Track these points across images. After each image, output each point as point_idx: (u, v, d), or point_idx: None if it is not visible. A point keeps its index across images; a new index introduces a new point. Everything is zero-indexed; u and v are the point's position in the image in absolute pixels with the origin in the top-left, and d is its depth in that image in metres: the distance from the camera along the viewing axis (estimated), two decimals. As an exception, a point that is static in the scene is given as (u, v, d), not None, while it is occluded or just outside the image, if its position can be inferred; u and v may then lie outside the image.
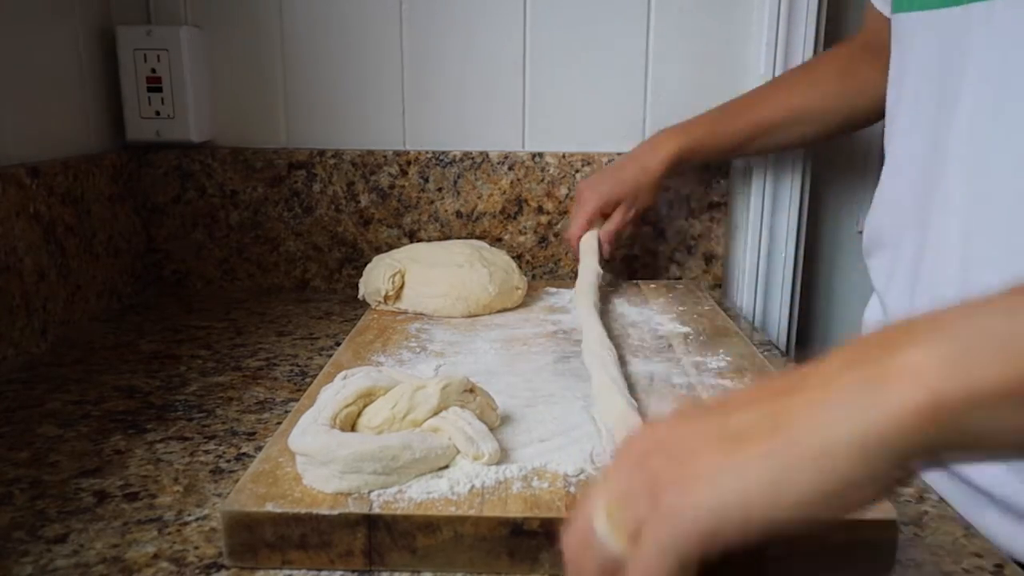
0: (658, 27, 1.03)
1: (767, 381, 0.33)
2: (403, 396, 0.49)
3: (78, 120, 0.94)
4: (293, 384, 0.72)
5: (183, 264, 1.06)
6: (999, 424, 0.26)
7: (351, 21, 1.03)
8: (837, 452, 0.27)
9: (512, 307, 0.85)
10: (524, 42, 1.03)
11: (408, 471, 0.45)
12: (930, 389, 0.26)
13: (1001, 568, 0.43)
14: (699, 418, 0.32)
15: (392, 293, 0.84)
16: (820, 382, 0.29)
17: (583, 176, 1.04)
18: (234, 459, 0.57)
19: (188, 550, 0.45)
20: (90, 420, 0.64)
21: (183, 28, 0.98)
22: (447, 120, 1.05)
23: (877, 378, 0.27)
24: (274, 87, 1.04)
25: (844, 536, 0.42)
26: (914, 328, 0.28)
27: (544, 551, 0.43)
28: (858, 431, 0.27)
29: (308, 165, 1.04)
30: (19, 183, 0.78)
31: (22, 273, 0.78)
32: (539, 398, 0.59)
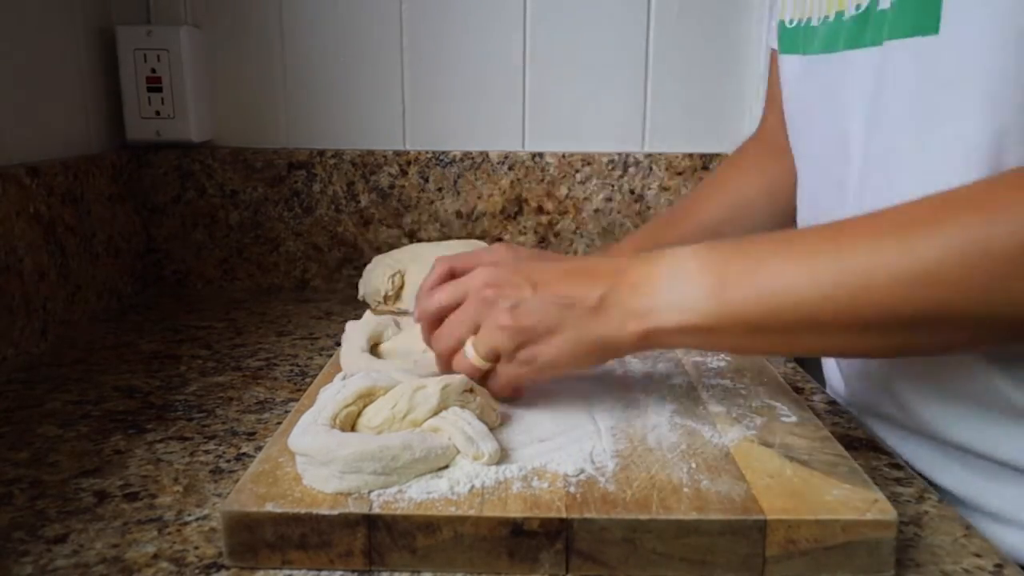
0: (658, 27, 1.03)
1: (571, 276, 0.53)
2: (403, 396, 0.49)
3: (78, 120, 0.94)
4: (293, 384, 0.72)
5: (183, 264, 1.06)
6: (682, 341, 0.51)
7: (351, 21, 1.03)
8: (599, 347, 0.52)
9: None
10: (524, 42, 1.03)
11: (408, 471, 0.45)
12: (647, 327, 0.50)
13: (1001, 568, 0.43)
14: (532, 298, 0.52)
15: (392, 293, 0.84)
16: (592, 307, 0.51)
17: (583, 176, 1.04)
18: (234, 459, 0.57)
19: (188, 550, 0.45)
20: (90, 420, 0.64)
21: (183, 28, 0.99)
22: (447, 120, 1.05)
23: (623, 312, 0.50)
24: (274, 87, 1.04)
25: (844, 536, 0.42)
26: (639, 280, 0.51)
27: (544, 551, 0.43)
28: (609, 339, 0.51)
29: (308, 165, 1.04)
30: (19, 183, 0.78)
31: (22, 273, 0.78)
32: (539, 398, 0.59)
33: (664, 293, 0.50)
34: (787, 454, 0.49)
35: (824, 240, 0.47)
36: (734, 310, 0.48)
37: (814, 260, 0.46)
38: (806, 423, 0.54)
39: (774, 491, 0.44)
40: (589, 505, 0.43)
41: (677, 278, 0.50)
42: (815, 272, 0.46)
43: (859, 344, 0.49)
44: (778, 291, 0.47)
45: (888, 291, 0.44)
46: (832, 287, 0.45)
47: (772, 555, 0.42)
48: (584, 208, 1.05)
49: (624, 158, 1.04)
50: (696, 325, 0.49)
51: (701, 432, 0.52)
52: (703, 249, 0.50)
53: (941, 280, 0.43)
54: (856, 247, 0.45)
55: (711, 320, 0.48)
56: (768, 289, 0.47)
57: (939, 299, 0.43)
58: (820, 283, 0.46)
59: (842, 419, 0.64)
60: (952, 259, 0.42)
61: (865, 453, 0.58)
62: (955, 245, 0.42)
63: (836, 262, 0.45)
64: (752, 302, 0.47)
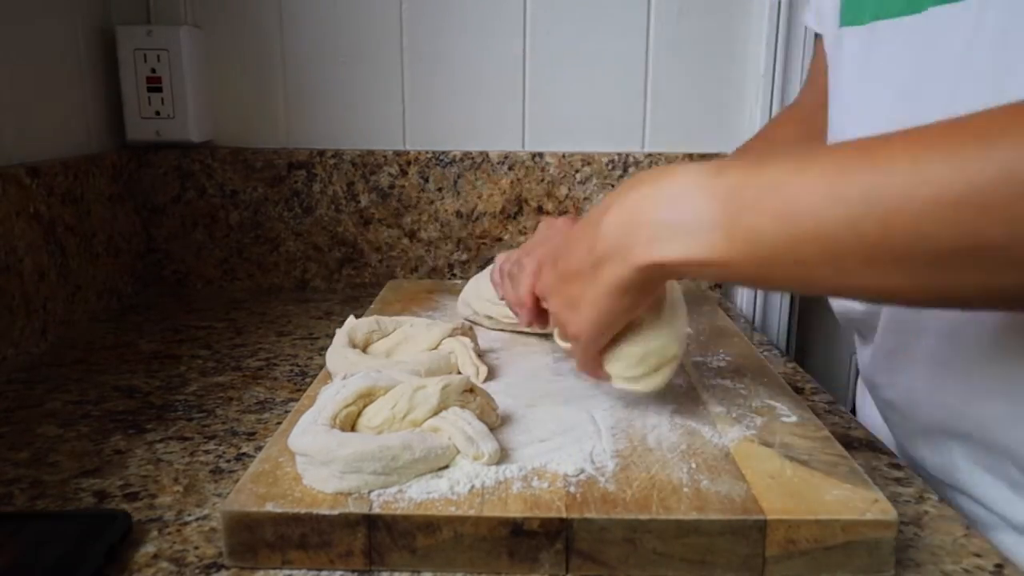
0: (658, 27, 1.03)
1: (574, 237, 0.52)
2: (403, 396, 0.49)
3: (78, 120, 0.94)
4: (293, 384, 0.72)
5: (183, 264, 1.06)
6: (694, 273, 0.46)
7: (351, 21, 1.03)
8: (616, 291, 0.49)
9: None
10: (524, 42, 1.03)
11: (408, 471, 0.45)
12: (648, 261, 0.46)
13: (1001, 568, 0.43)
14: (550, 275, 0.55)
15: None
16: (600, 252, 0.49)
17: (583, 176, 1.04)
18: (234, 459, 0.57)
19: (188, 550, 0.45)
20: (90, 420, 0.64)
21: (183, 28, 0.99)
22: (447, 120, 1.05)
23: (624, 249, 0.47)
24: (274, 87, 1.04)
25: (844, 536, 0.42)
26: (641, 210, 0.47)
27: (544, 551, 0.43)
28: (617, 285, 0.48)
29: (308, 165, 1.04)
30: (19, 183, 0.78)
31: (22, 273, 0.78)
32: (539, 398, 0.59)
33: (664, 220, 0.45)
34: (787, 454, 0.49)
35: (855, 156, 0.41)
36: (746, 241, 0.42)
37: (841, 178, 0.40)
38: (806, 423, 0.54)
39: (774, 491, 0.44)
40: (589, 505, 0.43)
41: (679, 201, 0.45)
42: (842, 191, 0.39)
43: (886, 281, 0.41)
44: (798, 214, 0.41)
45: (927, 215, 0.37)
46: (861, 208, 0.39)
47: (772, 555, 0.42)
48: (584, 208, 1.05)
49: (624, 158, 1.04)
50: (706, 259, 0.44)
51: (701, 432, 0.52)
52: (710, 169, 0.45)
53: (992, 204, 0.36)
54: (893, 162, 0.39)
55: (723, 251, 0.43)
56: (785, 213, 0.41)
57: (987, 227, 0.36)
58: (847, 204, 0.39)
59: (842, 419, 0.64)
60: (1007, 180, 0.35)
61: (865, 453, 0.58)
62: (1012, 165, 0.36)
63: (868, 178, 0.39)
64: (767, 231, 0.42)
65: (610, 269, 0.48)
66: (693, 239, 0.44)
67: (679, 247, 0.44)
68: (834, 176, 0.40)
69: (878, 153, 0.40)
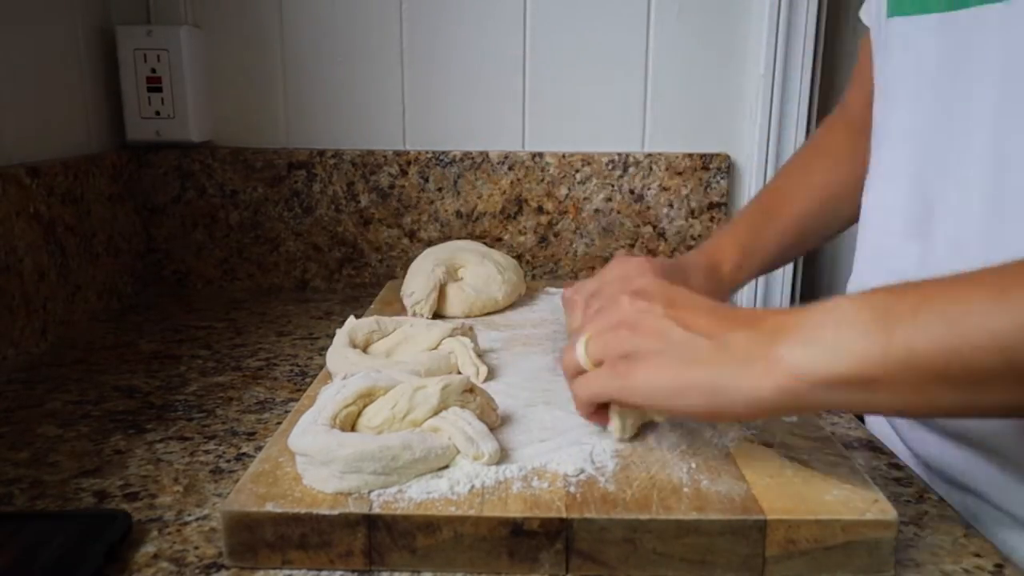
0: (658, 27, 1.03)
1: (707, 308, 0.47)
2: (403, 396, 0.49)
3: (78, 120, 0.94)
4: (293, 384, 0.72)
5: (183, 264, 1.06)
6: (829, 398, 0.41)
7: (351, 21, 1.03)
8: (721, 392, 0.43)
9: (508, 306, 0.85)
10: (524, 42, 1.03)
11: (408, 471, 0.45)
12: (787, 375, 0.41)
13: (1001, 568, 0.43)
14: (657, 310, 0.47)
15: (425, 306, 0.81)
16: (728, 343, 0.44)
17: (583, 176, 1.04)
18: (234, 459, 0.57)
19: (188, 550, 0.45)
20: (90, 420, 0.64)
21: (183, 28, 0.99)
22: (447, 120, 1.05)
23: (760, 357, 0.42)
24: (274, 87, 1.04)
25: (844, 536, 0.42)
26: (791, 327, 0.42)
27: (544, 551, 0.43)
28: (740, 385, 0.42)
29: (308, 165, 1.04)
30: (19, 183, 0.78)
31: (22, 273, 0.78)
32: (539, 398, 0.59)
33: (815, 337, 0.41)
34: (787, 454, 0.49)
35: (1010, 273, 0.39)
36: (906, 350, 0.38)
37: (1006, 288, 0.37)
38: (806, 423, 0.54)
39: (774, 491, 0.44)
40: (589, 505, 0.43)
41: (831, 320, 0.41)
42: (1011, 300, 0.37)
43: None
44: (965, 323, 0.37)
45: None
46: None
47: (772, 555, 0.42)
48: (584, 208, 1.05)
49: (624, 158, 1.04)
50: (857, 374, 0.39)
51: (701, 432, 0.52)
52: (862, 292, 0.42)
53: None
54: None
55: (875, 365, 0.39)
56: (951, 321, 0.38)
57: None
58: (1015, 311, 0.36)
59: (842, 419, 0.64)
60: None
61: (865, 453, 0.58)
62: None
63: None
64: (930, 339, 0.38)
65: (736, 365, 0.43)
66: (845, 350, 0.40)
67: (828, 360, 0.40)
68: (998, 286, 0.38)
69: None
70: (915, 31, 0.60)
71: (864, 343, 0.39)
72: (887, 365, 0.39)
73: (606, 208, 1.05)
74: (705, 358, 0.44)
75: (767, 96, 1.03)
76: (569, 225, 1.05)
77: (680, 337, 0.45)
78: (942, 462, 0.59)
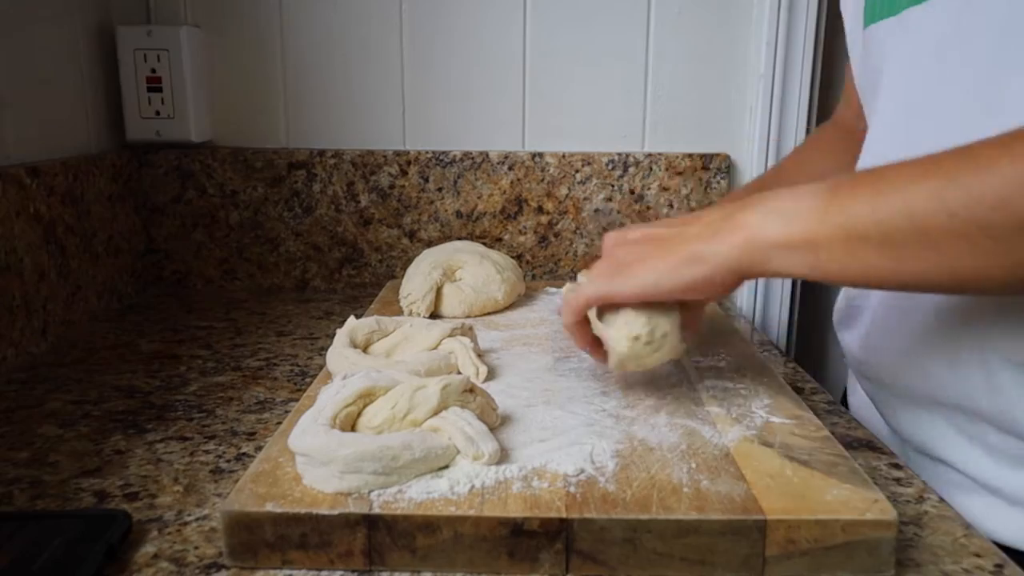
0: (658, 27, 1.03)
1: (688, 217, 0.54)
2: (403, 396, 0.49)
3: (78, 120, 0.94)
4: (293, 384, 0.72)
5: (183, 264, 1.06)
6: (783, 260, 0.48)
7: (351, 21, 1.03)
8: (702, 259, 0.50)
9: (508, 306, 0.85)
10: (524, 42, 1.03)
11: (408, 471, 0.45)
12: (747, 235, 0.48)
13: (1001, 568, 0.43)
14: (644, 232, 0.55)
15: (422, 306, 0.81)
16: (707, 223, 0.51)
17: (583, 176, 1.04)
18: (234, 459, 0.57)
19: (188, 550, 0.45)
20: (90, 420, 0.64)
21: (183, 28, 0.99)
22: (447, 120, 1.05)
23: (729, 227, 0.49)
24: (274, 87, 1.04)
25: (843, 536, 0.42)
26: (757, 200, 0.49)
27: (544, 551, 0.43)
28: (714, 250, 0.49)
29: (308, 165, 1.04)
30: (19, 183, 0.78)
31: (22, 273, 0.78)
32: (539, 398, 0.59)
33: (767, 208, 0.48)
34: (787, 454, 0.49)
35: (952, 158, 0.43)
36: (842, 219, 0.45)
37: (936, 170, 0.43)
38: (806, 423, 0.54)
39: (774, 491, 0.44)
40: (589, 505, 0.43)
41: (782, 197, 0.48)
42: (935, 179, 0.43)
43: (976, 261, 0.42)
44: (891, 198, 0.44)
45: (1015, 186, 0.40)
46: (948, 183, 0.42)
47: (772, 555, 0.42)
48: (584, 208, 1.05)
49: (624, 158, 1.04)
50: (801, 236, 0.46)
51: (701, 432, 0.52)
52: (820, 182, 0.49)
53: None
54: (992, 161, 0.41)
55: (815, 228, 0.46)
56: (880, 197, 0.44)
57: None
58: (940, 189, 0.42)
59: (842, 419, 0.64)
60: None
61: (865, 453, 0.58)
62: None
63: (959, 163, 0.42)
64: (863, 212, 0.45)
65: (702, 236, 0.50)
66: (792, 217, 0.47)
67: (777, 226, 0.47)
68: (930, 169, 0.43)
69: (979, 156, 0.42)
70: (902, 28, 0.61)
71: (809, 210, 0.47)
72: (825, 228, 0.46)
73: (606, 208, 1.05)
74: (685, 239, 0.51)
75: (767, 96, 1.03)
76: (569, 225, 1.05)
77: (662, 234, 0.53)
78: (914, 431, 0.61)
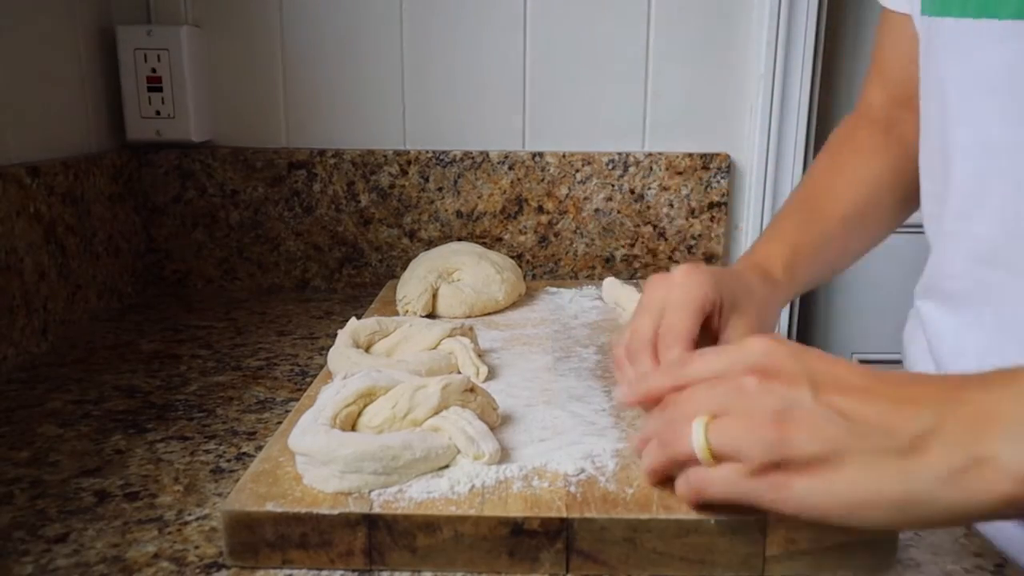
0: (658, 27, 1.03)
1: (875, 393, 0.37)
2: (403, 396, 0.49)
3: (78, 120, 0.94)
4: (293, 384, 0.72)
5: (183, 264, 1.06)
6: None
7: (351, 21, 1.03)
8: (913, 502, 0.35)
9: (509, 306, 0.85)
10: (524, 42, 1.03)
11: (408, 471, 0.45)
12: (1011, 484, 0.32)
13: (1001, 568, 0.43)
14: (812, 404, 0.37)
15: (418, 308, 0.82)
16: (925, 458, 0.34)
17: (583, 176, 1.04)
18: (234, 459, 0.57)
19: (188, 550, 0.45)
20: (90, 420, 0.64)
21: (183, 28, 0.99)
22: (447, 120, 1.05)
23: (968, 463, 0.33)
24: (274, 87, 1.04)
25: (844, 536, 0.42)
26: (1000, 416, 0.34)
27: (544, 551, 0.43)
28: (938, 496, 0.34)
29: (308, 165, 1.04)
30: (19, 183, 0.78)
31: (22, 273, 0.78)
32: (539, 398, 0.59)
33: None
34: (787, 454, 0.49)
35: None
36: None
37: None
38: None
39: (774, 491, 0.44)
40: (589, 504, 0.43)
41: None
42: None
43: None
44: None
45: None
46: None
47: (772, 554, 0.42)
48: (584, 208, 1.05)
49: (624, 158, 1.04)
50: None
51: (701, 432, 0.52)
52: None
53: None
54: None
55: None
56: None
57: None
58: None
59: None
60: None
61: (865, 453, 0.58)
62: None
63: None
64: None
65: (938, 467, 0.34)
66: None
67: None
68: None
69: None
70: (974, 37, 0.53)
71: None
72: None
73: (606, 208, 1.05)
74: (890, 463, 0.35)
75: (767, 96, 1.03)
76: (569, 225, 1.05)
77: (849, 435, 0.36)
78: None
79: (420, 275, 0.83)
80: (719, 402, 0.40)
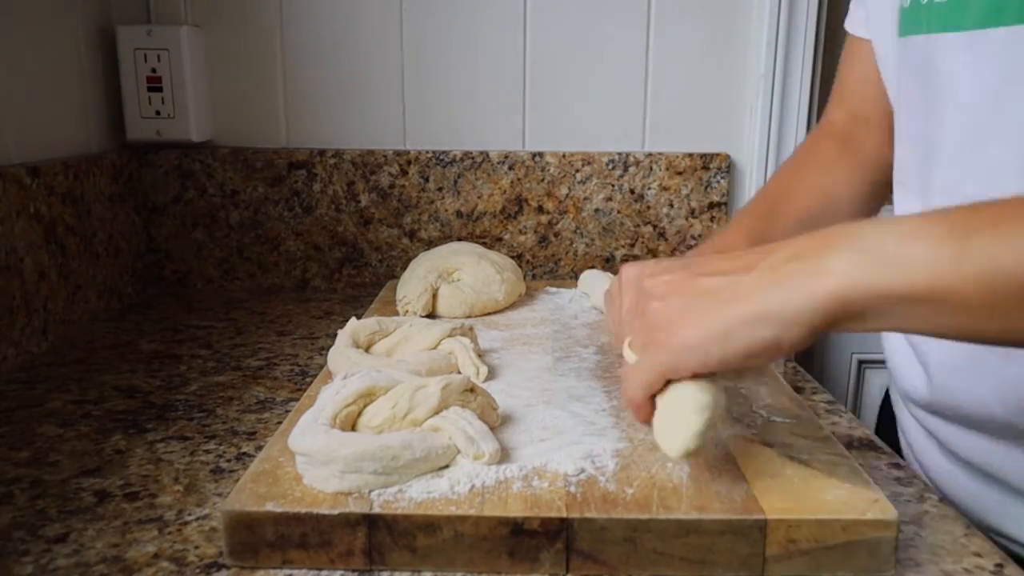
0: (658, 27, 1.03)
1: (729, 255, 0.44)
2: (403, 396, 0.49)
3: (78, 120, 0.94)
4: (293, 384, 0.72)
5: (183, 264, 1.06)
6: (880, 311, 0.38)
7: (351, 21, 1.03)
8: (771, 317, 0.39)
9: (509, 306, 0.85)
10: (524, 42, 1.03)
11: (408, 471, 0.45)
12: (839, 284, 0.38)
13: (1001, 568, 0.43)
14: (679, 275, 0.45)
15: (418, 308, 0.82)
16: (769, 267, 0.41)
17: (583, 176, 1.04)
18: (234, 459, 0.57)
19: (188, 550, 0.45)
20: (90, 420, 0.64)
21: (183, 28, 0.99)
22: (447, 120, 1.05)
23: (807, 272, 0.39)
24: (274, 87, 1.04)
25: (844, 536, 0.42)
26: (840, 238, 0.39)
27: (544, 551, 0.43)
28: (788, 305, 0.39)
29: (308, 165, 1.04)
30: (19, 183, 0.78)
31: (22, 273, 0.78)
32: (539, 398, 0.59)
33: (858, 249, 0.38)
34: (787, 454, 0.49)
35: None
36: (988, 262, 0.35)
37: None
38: (806, 423, 0.54)
39: (774, 491, 0.44)
40: (589, 504, 0.43)
41: (876, 234, 0.38)
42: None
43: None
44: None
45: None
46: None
47: (772, 554, 0.42)
48: (584, 208, 1.05)
49: (624, 158, 1.04)
50: (927, 287, 0.36)
51: (701, 432, 0.52)
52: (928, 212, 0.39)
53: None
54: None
55: (946, 278, 0.36)
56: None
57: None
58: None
59: (842, 419, 0.64)
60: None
61: (865, 453, 0.58)
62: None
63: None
64: (1016, 252, 0.35)
65: (780, 285, 0.39)
66: (909, 265, 0.36)
67: (898, 272, 0.37)
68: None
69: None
70: (939, 51, 0.55)
71: (934, 253, 0.36)
72: (961, 279, 0.36)
73: (606, 208, 1.05)
74: (745, 290, 0.40)
75: (767, 96, 1.03)
76: (569, 225, 1.05)
77: (710, 284, 0.42)
78: (969, 452, 0.58)
79: (420, 275, 0.83)
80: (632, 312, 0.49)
